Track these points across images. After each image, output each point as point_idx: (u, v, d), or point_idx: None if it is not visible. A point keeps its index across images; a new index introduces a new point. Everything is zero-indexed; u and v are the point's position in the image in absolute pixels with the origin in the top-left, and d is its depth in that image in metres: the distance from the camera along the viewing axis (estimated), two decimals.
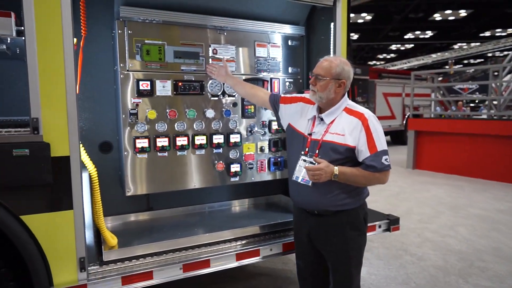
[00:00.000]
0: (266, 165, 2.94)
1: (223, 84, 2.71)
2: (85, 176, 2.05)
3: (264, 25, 2.84)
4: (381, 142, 1.93)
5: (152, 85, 2.47)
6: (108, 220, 2.66)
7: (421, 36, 22.56)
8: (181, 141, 2.59)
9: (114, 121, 2.65)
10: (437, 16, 18.34)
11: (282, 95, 2.36)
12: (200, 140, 2.65)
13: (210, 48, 2.66)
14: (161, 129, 2.52)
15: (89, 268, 2.03)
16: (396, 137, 13.94)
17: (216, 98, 2.71)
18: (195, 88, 2.62)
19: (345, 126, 1.97)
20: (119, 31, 2.37)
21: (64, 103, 1.85)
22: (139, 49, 2.43)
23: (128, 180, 2.47)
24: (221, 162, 2.73)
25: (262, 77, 2.88)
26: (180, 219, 2.78)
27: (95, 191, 2.14)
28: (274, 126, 2.93)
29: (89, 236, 2.07)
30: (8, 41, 1.80)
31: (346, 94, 2.07)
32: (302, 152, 2.03)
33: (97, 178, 2.13)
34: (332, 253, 2.07)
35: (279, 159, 2.97)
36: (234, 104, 2.78)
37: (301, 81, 3.07)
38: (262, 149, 2.91)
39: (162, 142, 2.52)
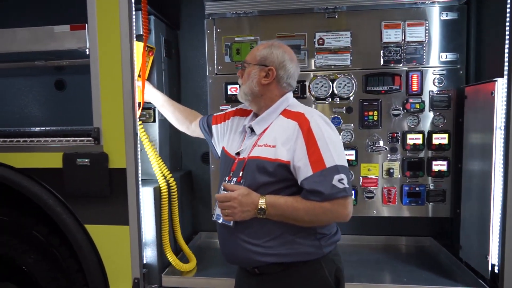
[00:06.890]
0: (397, 195, 2.08)
1: (332, 83, 2.07)
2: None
3: None
4: (331, 154, 1.26)
5: None
6: (203, 236, 2.48)
7: None
8: None
9: None
10: None
11: (215, 114, 1.74)
12: None
13: (315, 38, 2.08)
14: None
15: None
16: None
17: (323, 102, 2.10)
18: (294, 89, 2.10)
19: (278, 134, 1.35)
20: (208, 31, 2.14)
21: (121, 113, 1.76)
22: (228, 48, 2.13)
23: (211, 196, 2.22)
24: None
25: (393, 71, 2.04)
26: None
27: (162, 207, 1.99)
28: (410, 141, 2.04)
29: (153, 253, 1.93)
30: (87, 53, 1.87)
31: (289, 93, 1.46)
32: (226, 178, 1.41)
33: (165, 194, 1.98)
34: None
35: (417, 189, 2.05)
36: (349, 110, 2.08)
37: (461, 72, 2.01)
38: (390, 172, 2.07)
39: None
